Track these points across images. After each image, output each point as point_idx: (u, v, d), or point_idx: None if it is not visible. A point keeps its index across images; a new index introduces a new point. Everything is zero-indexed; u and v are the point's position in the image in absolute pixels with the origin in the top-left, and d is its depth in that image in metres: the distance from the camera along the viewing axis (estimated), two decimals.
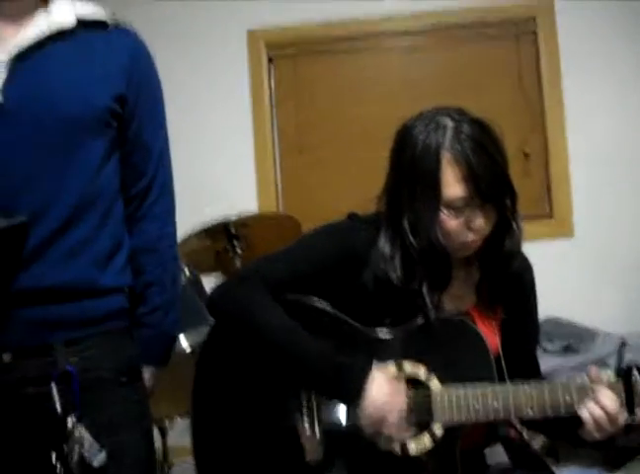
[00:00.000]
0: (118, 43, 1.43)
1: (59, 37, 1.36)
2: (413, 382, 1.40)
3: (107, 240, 1.40)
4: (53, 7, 1.38)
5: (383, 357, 1.41)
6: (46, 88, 1.33)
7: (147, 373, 1.50)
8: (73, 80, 1.35)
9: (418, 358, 1.41)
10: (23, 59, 1.32)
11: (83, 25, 1.38)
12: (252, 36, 3.57)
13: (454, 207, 1.37)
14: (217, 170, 3.56)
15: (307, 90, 3.59)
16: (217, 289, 1.52)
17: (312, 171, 3.58)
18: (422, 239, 1.40)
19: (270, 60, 3.61)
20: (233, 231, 2.66)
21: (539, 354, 1.67)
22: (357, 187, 2.78)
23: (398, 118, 1.47)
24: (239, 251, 2.65)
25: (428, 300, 1.42)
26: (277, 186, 3.61)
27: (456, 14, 3.43)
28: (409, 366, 1.41)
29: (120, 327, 1.43)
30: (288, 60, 3.61)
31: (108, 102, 1.38)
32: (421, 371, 1.40)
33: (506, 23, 3.44)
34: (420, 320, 1.43)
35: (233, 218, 2.64)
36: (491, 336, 1.47)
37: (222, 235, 2.67)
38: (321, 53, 3.57)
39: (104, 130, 1.39)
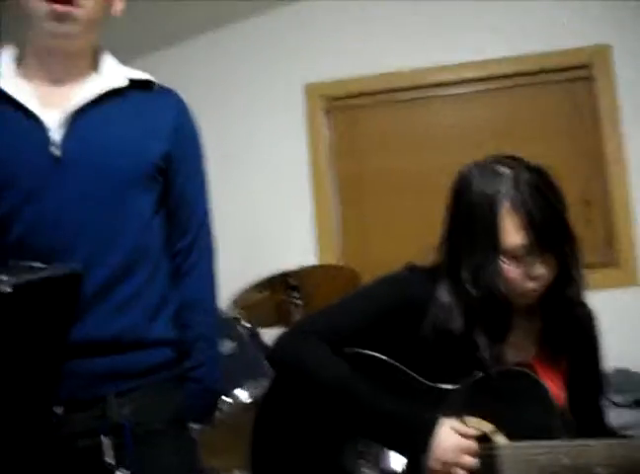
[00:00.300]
0: (163, 103, 1.50)
1: (111, 95, 1.42)
2: (477, 437, 1.36)
3: (155, 294, 1.44)
4: (104, 68, 1.46)
5: (445, 411, 1.38)
6: (101, 143, 1.39)
7: (193, 430, 1.50)
8: (125, 136, 1.41)
9: (481, 413, 1.37)
10: (79, 116, 1.38)
11: (132, 85, 1.45)
12: (309, 88, 3.62)
13: (514, 256, 1.35)
14: (276, 222, 3.60)
15: (365, 141, 3.62)
16: (277, 341, 1.52)
17: (371, 222, 3.58)
18: (482, 289, 1.38)
19: (327, 112, 3.65)
20: (293, 283, 2.67)
21: (609, 407, 1.61)
22: (415, 237, 2.77)
23: (455, 168, 1.47)
24: (298, 302, 2.66)
25: (488, 352, 1.39)
26: (336, 237, 3.62)
27: (510, 61, 3.42)
28: (473, 421, 1.37)
29: (168, 378, 1.45)
30: (345, 112, 3.65)
31: (156, 158, 1.44)
32: (485, 426, 1.36)
33: (561, 69, 3.40)
34: (481, 372, 1.40)
35: (292, 270, 2.65)
36: (555, 387, 1.43)
37: (282, 287, 2.69)
38: (377, 104, 3.60)
39: (152, 186, 1.44)
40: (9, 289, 1.05)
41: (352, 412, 1.40)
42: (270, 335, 1.53)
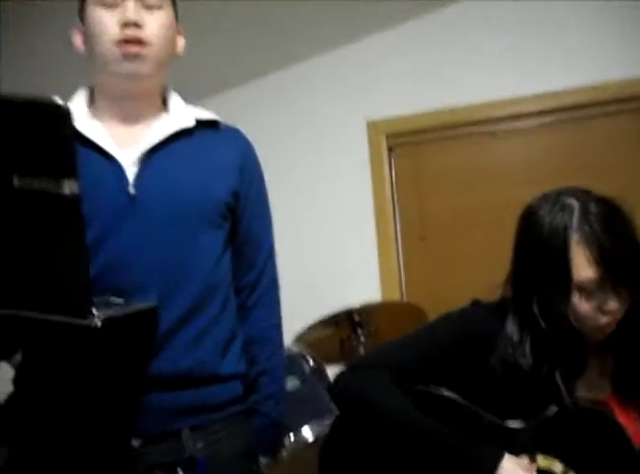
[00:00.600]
0: (229, 142, 1.53)
1: (179, 135, 1.46)
2: None
3: (225, 328, 1.45)
4: (173, 108, 1.50)
5: (514, 449, 1.34)
6: (173, 182, 1.41)
7: (261, 464, 1.52)
8: (194, 175, 1.44)
9: (552, 452, 1.33)
10: (150, 156, 1.42)
11: (198, 124, 1.49)
12: (371, 126, 3.65)
13: (586, 290, 1.32)
14: (340, 259, 3.60)
15: (427, 177, 3.61)
16: (341, 377, 1.51)
17: (435, 258, 3.54)
18: (554, 323, 1.35)
19: (389, 149, 3.66)
20: (357, 319, 2.66)
21: None
22: (479, 274, 2.72)
23: (520, 203, 1.45)
24: (363, 339, 2.64)
25: (562, 387, 1.35)
26: (400, 274, 3.60)
27: (573, 93, 3.36)
28: (543, 460, 1.33)
29: (239, 412, 1.46)
30: (408, 149, 3.65)
31: (225, 196, 1.46)
32: (556, 466, 1.32)
33: (626, 98, 3.32)
34: (552, 409, 1.35)
35: (357, 307, 2.65)
36: (633, 428, 1.37)
37: (346, 323, 2.68)
38: (439, 140, 3.59)
39: (222, 223, 1.47)
40: (99, 323, 1.06)
41: (416, 449, 1.38)
42: (334, 372, 1.53)
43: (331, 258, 3.58)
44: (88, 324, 1.05)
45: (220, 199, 1.45)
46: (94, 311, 1.05)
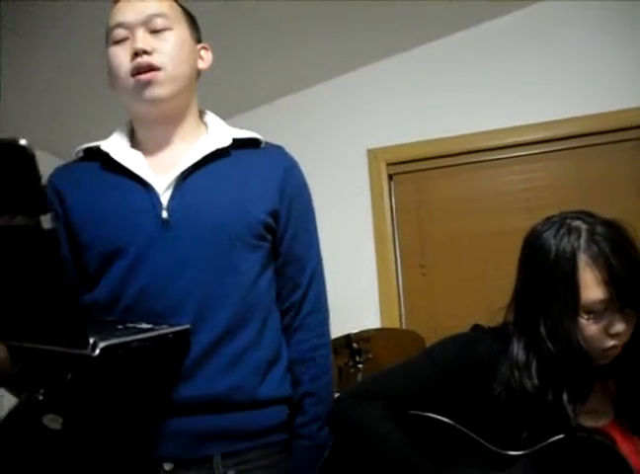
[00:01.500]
0: (271, 160, 1.52)
1: (216, 156, 1.45)
2: None
3: (265, 350, 1.42)
4: (211, 130, 1.51)
5: None
6: (206, 204, 1.40)
7: None
8: (230, 196, 1.42)
9: None
10: (184, 178, 1.42)
11: (236, 143, 1.48)
12: (372, 154, 3.66)
13: (594, 311, 1.31)
14: (340, 286, 3.57)
15: (428, 205, 3.61)
16: (336, 404, 1.48)
17: (435, 286, 3.53)
18: (561, 345, 1.33)
19: (390, 177, 3.67)
20: (355, 346, 2.65)
21: None
22: (479, 301, 2.72)
23: (521, 231, 1.44)
24: (361, 366, 2.63)
25: (569, 411, 1.33)
26: (399, 301, 3.58)
27: (572, 122, 3.38)
28: None
29: (278, 440, 1.43)
30: (408, 177, 3.66)
31: (263, 216, 1.44)
32: None
33: (626, 128, 3.32)
34: (552, 439, 1.33)
35: (355, 333, 2.64)
36: (635, 456, 1.35)
37: (344, 350, 2.67)
38: (440, 169, 3.59)
39: (259, 244, 1.44)
40: (97, 352, 1.06)
41: None
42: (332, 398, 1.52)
43: (331, 284, 3.55)
44: (88, 354, 1.05)
45: (256, 220, 1.43)
46: (91, 340, 1.05)
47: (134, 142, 1.50)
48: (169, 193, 1.40)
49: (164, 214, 1.37)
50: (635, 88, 3.30)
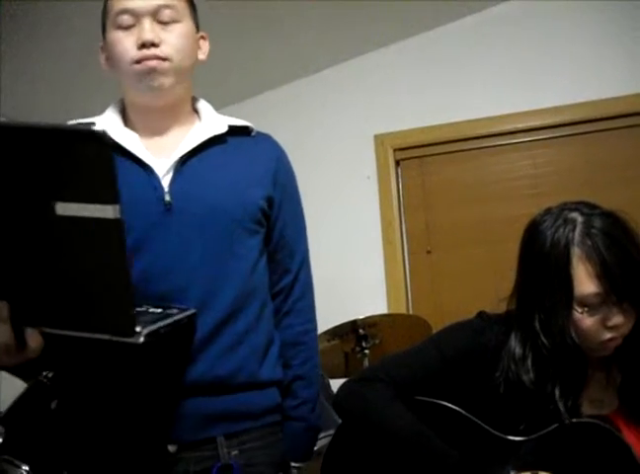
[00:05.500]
0: (263, 147, 1.54)
1: (213, 142, 1.46)
2: None
3: (262, 334, 1.45)
4: (204, 116, 1.52)
5: (515, 464, 1.33)
6: (208, 189, 1.42)
7: (294, 470, 1.50)
8: (230, 181, 1.44)
9: (553, 468, 1.32)
10: (184, 163, 1.42)
11: (230, 131, 1.49)
12: (379, 139, 3.66)
13: (588, 305, 1.31)
14: (347, 272, 3.59)
15: (434, 191, 3.61)
16: (343, 388, 1.50)
17: (441, 271, 3.54)
18: (555, 339, 1.34)
19: (397, 163, 3.67)
20: (362, 332, 2.66)
21: None
22: (485, 287, 2.72)
23: (526, 216, 1.45)
24: (367, 352, 2.64)
25: (561, 404, 1.34)
26: (406, 287, 3.59)
27: (578, 108, 3.36)
28: None
29: (274, 421, 1.46)
30: (415, 162, 3.65)
31: (260, 202, 1.47)
32: None
33: (634, 113, 3.31)
34: (554, 425, 1.34)
35: (361, 318, 2.64)
36: (638, 444, 1.36)
37: (351, 336, 2.67)
38: (447, 154, 3.59)
39: (257, 229, 1.47)
40: (142, 340, 1.08)
41: (416, 460, 1.37)
42: (338, 384, 1.53)
43: (337, 270, 3.57)
44: (134, 341, 1.06)
45: (255, 205, 1.46)
46: (137, 328, 1.06)
47: (127, 122, 1.49)
48: (169, 176, 1.40)
49: (167, 197, 1.38)
50: None
